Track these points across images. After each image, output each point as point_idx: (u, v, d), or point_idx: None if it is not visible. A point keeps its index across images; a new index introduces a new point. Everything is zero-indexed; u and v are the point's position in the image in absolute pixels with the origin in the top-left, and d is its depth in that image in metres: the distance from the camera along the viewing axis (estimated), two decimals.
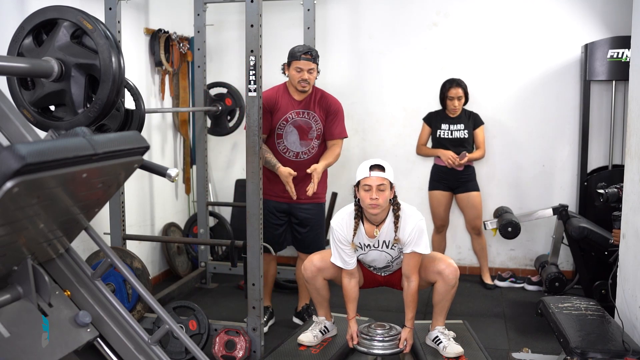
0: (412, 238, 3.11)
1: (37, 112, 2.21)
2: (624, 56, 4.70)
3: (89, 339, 1.91)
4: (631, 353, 2.67)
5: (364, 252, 3.23)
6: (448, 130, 4.92)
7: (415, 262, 3.17)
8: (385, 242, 3.18)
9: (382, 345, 3.16)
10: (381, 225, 3.16)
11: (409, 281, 3.19)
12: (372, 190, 3.02)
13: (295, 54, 3.77)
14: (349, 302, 3.27)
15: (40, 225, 1.65)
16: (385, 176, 3.04)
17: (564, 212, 4.48)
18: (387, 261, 3.27)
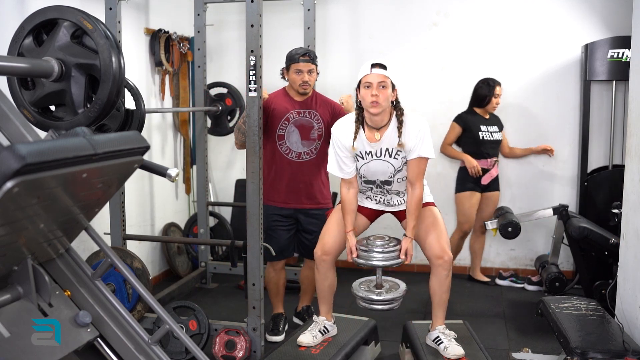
0: (416, 142, 3.06)
1: (37, 112, 2.20)
2: (624, 56, 4.70)
3: (89, 339, 1.91)
4: (631, 353, 2.67)
5: (365, 161, 3.15)
6: (487, 132, 4.86)
7: (420, 169, 3.12)
8: (387, 150, 3.11)
9: (382, 256, 3.08)
10: (383, 130, 3.08)
11: (413, 188, 3.14)
12: (372, 87, 2.97)
13: (294, 56, 3.75)
14: (347, 214, 3.21)
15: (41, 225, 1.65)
16: (386, 74, 2.98)
17: (564, 212, 4.48)
18: (389, 173, 3.17)
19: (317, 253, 3.32)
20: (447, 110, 5.30)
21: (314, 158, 3.84)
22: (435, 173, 5.35)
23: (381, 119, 3.06)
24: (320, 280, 3.38)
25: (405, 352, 3.45)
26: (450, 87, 5.30)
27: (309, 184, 3.86)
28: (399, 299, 3.15)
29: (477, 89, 4.87)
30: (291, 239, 3.94)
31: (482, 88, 4.84)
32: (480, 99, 4.85)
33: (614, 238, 4.03)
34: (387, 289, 3.14)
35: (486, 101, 4.83)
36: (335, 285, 3.42)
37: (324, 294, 3.42)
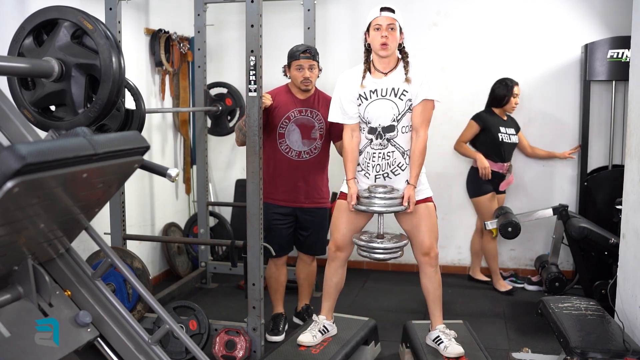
0: (422, 82, 3.12)
1: (37, 112, 2.21)
2: (624, 56, 4.70)
3: (89, 339, 1.91)
4: (631, 353, 2.67)
5: (369, 101, 3.17)
6: (506, 134, 4.79)
7: (425, 115, 3.16)
8: (394, 89, 3.15)
9: (384, 202, 3.07)
10: (390, 73, 3.17)
11: (417, 135, 3.16)
12: (382, 29, 3.07)
13: (294, 53, 3.77)
14: (349, 162, 3.24)
15: (41, 225, 1.65)
16: (394, 17, 3.09)
17: (564, 212, 4.48)
18: (392, 116, 3.16)
19: (331, 249, 3.36)
20: (447, 110, 5.30)
21: (314, 157, 3.84)
22: (434, 173, 5.35)
23: (389, 61, 3.15)
24: (329, 276, 3.40)
25: (405, 352, 3.45)
26: (451, 87, 5.30)
27: (308, 182, 3.86)
28: (399, 248, 3.13)
29: (495, 89, 4.81)
30: (290, 236, 3.96)
31: (500, 88, 4.78)
32: (499, 99, 4.78)
33: (614, 238, 4.03)
34: (389, 238, 3.14)
35: (505, 101, 4.76)
36: (342, 284, 3.44)
37: (330, 290, 3.43)
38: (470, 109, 5.23)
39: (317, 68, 3.82)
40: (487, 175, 4.77)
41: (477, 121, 4.83)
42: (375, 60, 3.18)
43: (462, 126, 5.31)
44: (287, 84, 3.90)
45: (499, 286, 4.95)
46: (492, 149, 4.78)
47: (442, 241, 5.32)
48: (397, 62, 3.19)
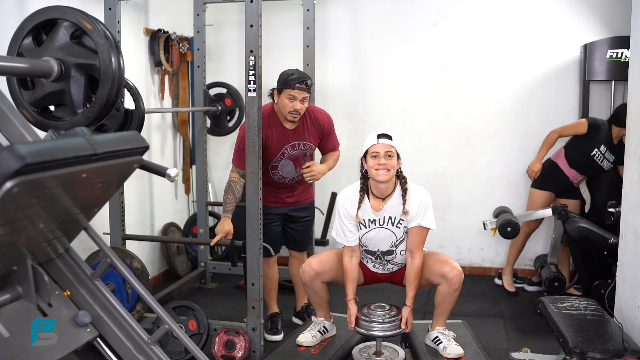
0: (419, 211, 3.13)
1: (36, 112, 2.21)
2: (623, 56, 4.70)
3: (88, 339, 1.91)
4: (630, 352, 2.67)
5: (368, 229, 3.21)
6: (602, 155, 4.50)
7: (421, 238, 3.17)
8: (391, 218, 3.17)
9: (383, 326, 3.11)
10: (387, 199, 3.16)
11: (412, 257, 3.18)
12: (379, 156, 3.07)
13: (289, 81, 3.56)
14: (348, 282, 3.24)
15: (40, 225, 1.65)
16: (392, 144, 3.09)
17: (563, 212, 4.48)
18: (391, 242, 3.22)
19: (307, 267, 3.31)
20: (448, 110, 5.31)
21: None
22: (434, 173, 5.36)
23: (386, 187, 3.14)
24: (311, 294, 3.42)
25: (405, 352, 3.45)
26: (451, 87, 5.30)
27: (296, 191, 3.93)
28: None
29: (622, 110, 4.15)
30: (281, 234, 4.00)
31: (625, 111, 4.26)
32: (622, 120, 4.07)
33: (613, 238, 4.03)
34: (387, 356, 3.20)
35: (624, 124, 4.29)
36: (327, 294, 3.43)
37: (317, 302, 3.44)
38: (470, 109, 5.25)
39: (307, 100, 3.66)
40: (531, 177, 4.74)
41: (588, 125, 4.52)
42: (373, 186, 3.18)
43: (462, 126, 5.34)
44: (272, 106, 3.71)
45: (507, 284, 4.96)
46: (580, 157, 4.61)
47: (442, 241, 5.35)
48: (394, 187, 3.18)
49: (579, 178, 4.70)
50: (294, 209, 3.94)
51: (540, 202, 4.78)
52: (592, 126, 4.53)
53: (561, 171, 4.69)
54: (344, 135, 5.03)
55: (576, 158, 4.63)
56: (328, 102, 5.31)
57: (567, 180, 4.70)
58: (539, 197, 4.79)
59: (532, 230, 4.88)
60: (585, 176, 4.71)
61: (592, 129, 4.53)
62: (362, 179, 3.22)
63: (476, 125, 5.31)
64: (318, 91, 4.80)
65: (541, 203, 4.77)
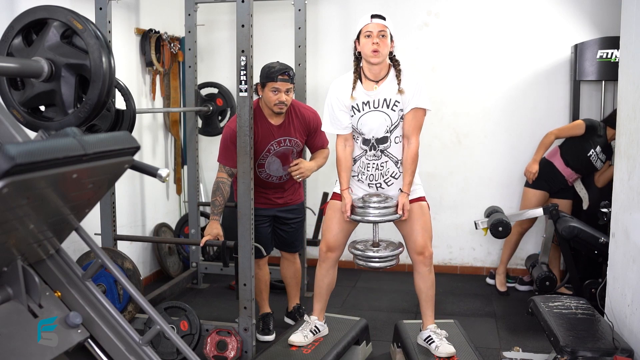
0: (414, 92, 3.11)
1: (27, 112, 2.19)
2: (613, 56, 4.73)
3: (79, 340, 1.90)
4: (620, 351, 2.69)
5: (362, 112, 3.16)
6: (597, 156, 4.55)
7: (417, 121, 3.16)
8: (385, 100, 3.14)
9: (379, 212, 3.08)
10: (381, 81, 3.14)
11: (409, 142, 3.17)
12: (373, 35, 3.04)
13: (271, 74, 3.55)
14: (342, 171, 3.23)
15: (30, 226, 1.64)
16: (385, 24, 3.07)
17: (554, 212, 4.50)
18: (385, 127, 3.17)
19: (322, 250, 3.36)
20: (438, 111, 5.31)
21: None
22: (425, 173, 5.36)
23: (380, 69, 3.12)
24: (320, 277, 3.40)
25: (397, 352, 3.46)
26: (441, 87, 5.31)
27: (286, 191, 3.92)
28: (395, 256, 3.15)
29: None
30: (271, 235, 3.98)
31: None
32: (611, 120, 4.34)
33: (604, 237, 4.05)
34: (384, 246, 3.16)
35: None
36: (333, 284, 3.44)
37: (321, 291, 3.43)
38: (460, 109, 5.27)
39: (292, 90, 3.67)
40: (529, 179, 4.74)
41: (586, 127, 4.54)
42: (366, 69, 3.15)
43: (453, 126, 5.35)
44: (259, 102, 3.70)
45: (499, 284, 4.97)
46: (576, 157, 4.63)
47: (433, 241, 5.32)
48: (388, 70, 3.17)
49: (574, 177, 4.72)
50: (283, 210, 3.93)
51: (534, 202, 4.79)
52: (590, 127, 4.56)
53: (557, 170, 4.71)
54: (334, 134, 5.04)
55: (572, 158, 4.65)
56: (320, 102, 5.28)
57: (562, 180, 4.72)
58: (533, 196, 4.81)
59: (525, 229, 4.90)
60: (581, 175, 4.74)
61: (590, 131, 4.55)
62: (355, 61, 3.19)
63: (467, 125, 5.33)
64: (310, 91, 4.80)
65: (535, 202, 4.78)
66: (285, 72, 3.57)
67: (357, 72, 3.17)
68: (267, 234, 3.92)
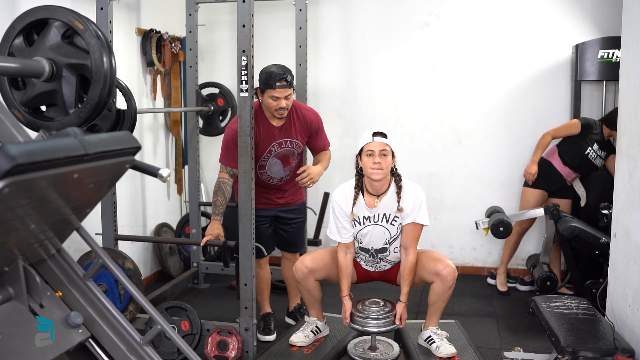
0: (413, 208, 3.14)
1: (28, 112, 2.20)
2: (614, 56, 4.72)
3: (80, 340, 1.91)
4: (621, 351, 2.69)
5: (362, 226, 3.22)
6: (596, 153, 4.56)
7: (415, 234, 3.19)
8: (385, 215, 3.18)
9: (377, 322, 3.13)
10: (382, 196, 3.18)
11: (407, 254, 3.19)
12: (374, 154, 3.08)
13: (269, 82, 3.50)
14: (342, 279, 3.25)
15: (31, 226, 1.64)
16: (387, 142, 3.10)
17: (555, 212, 4.50)
18: (385, 240, 3.24)
19: (300, 265, 3.31)
20: (438, 111, 5.32)
21: (293, 173, 3.86)
22: (426, 173, 5.37)
23: (381, 185, 3.16)
24: (304, 292, 3.42)
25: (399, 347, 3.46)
26: (441, 87, 5.31)
27: (287, 192, 3.91)
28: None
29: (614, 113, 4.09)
30: (272, 235, 3.98)
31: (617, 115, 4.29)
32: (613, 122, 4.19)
33: (605, 237, 4.05)
34: (382, 350, 3.22)
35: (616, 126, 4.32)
36: (320, 293, 3.43)
37: (310, 301, 3.45)
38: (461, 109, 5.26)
39: (292, 95, 3.61)
40: (528, 180, 4.75)
41: (582, 126, 4.57)
42: (367, 184, 3.19)
43: (453, 126, 5.35)
44: (259, 103, 3.66)
45: (499, 284, 4.97)
46: (574, 156, 4.63)
47: (434, 241, 5.36)
48: (389, 184, 3.20)
49: (573, 176, 4.72)
50: (284, 210, 3.92)
51: (533, 201, 4.79)
52: (585, 126, 4.57)
53: (555, 169, 4.70)
54: (335, 135, 5.04)
55: (570, 157, 4.65)
56: (320, 102, 5.32)
57: (560, 179, 4.71)
58: (531, 195, 4.80)
59: (525, 229, 4.90)
60: (579, 174, 4.73)
61: (585, 129, 4.56)
62: (357, 176, 3.23)
63: (468, 125, 5.33)
64: (310, 91, 4.80)
65: (534, 202, 4.78)
66: (283, 78, 3.51)
67: (358, 187, 3.22)
68: (268, 234, 3.92)
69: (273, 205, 3.87)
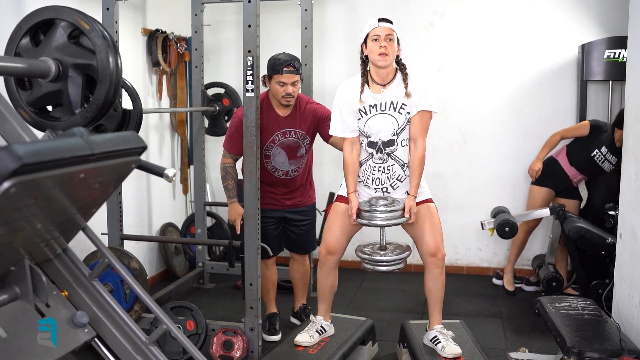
0: (421, 95, 3.11)
1: (34, 112, 2.20)
2: (620, 56, 4.71)
3: (86, 339, 1.91)
4: (627, 352, 2.68)
5: (369, 115, 3.16)
6: (603, 156, 4.50)
7: (424, 124, 3.16)
8: (392, 103, 3.14)
9: (385, 215, 3.06)
10: (388, 85, 3.15)
11: (416, 145, 3.16)
12: (380, 39, 3.07)
13: (277, 67, 3.56)
14: (349, 175, 3.22)
15: (38, 226, 1.65)
16: (392, 27, 3.09)
17: (561, 212, 4.49)
18: (392, 130, 3.16)
19: (322, 253, 3.35)
20: (443, 111, 5.28)
21: (301, 171, 3.86)
22: (431, 173, 5.35)
23: (387, 72, 3.12)
24: (322, 279, 3.40)
25: (403, 352, 3.46)
26: (446, 87, 5.30)
27: (296, 191, 3.91)
28: (403, 259, 3.13)
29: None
30: (280, 236, 3.97)
31: None
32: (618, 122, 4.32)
33: (611, 238, 4.04)
34: (392, 249, 3.14)
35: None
36: (336, 285, 3.44)
37: (324, 293, 3.43)
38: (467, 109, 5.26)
39: (300, 82, 3.66)
40: (532, 177, 4.76)
41: (591, 127, 4.53)
42: (373, 72, 3.16)
43: (458, 126, 5.34)
44: (267, 93, 3.71)
45: (507, 283, 4.96)
46: (580, 157, 4.61)
47: None
48: (395, 73, 3.17)
49: (579, 177, 4.70)
50: (292, 211, 3.91)
51: (540, 200, 4.77)
52: (595, 128, 4.54)
53: (561, 169, 4.69)
54: None
55: (577, 158, 4.63)
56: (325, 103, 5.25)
57: (566, 179, 4.70)
58: (538, 193, 4.79)
59: (532, 228, 4.88)
60: (585, 176, 4.72)
61: (594, 131, 4.53)
62: (362, 65, 3.21)
63: (473, 126, 5.32)
64: (315, 91, 4.79)
65: (541, 200, 4.77)
66: (291, 64, 3.57)
67: (364, 76, 3.18)
68: (274, 235, 3.91)
69: (280, 206, 3.86)
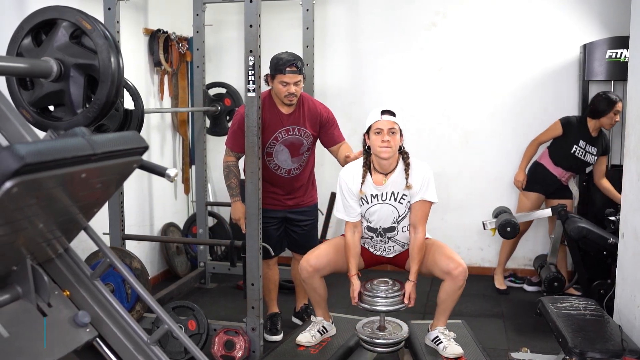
0: (422, 185, 3.14)
1: (36, 112, 2.20)
2: (622, 56, 4.70)
3: (88, 339, 1.91)
4: (629, 352, 2.67)
5: (370, 205, 3.19)
6: (583, 149, 4.57)
7: (424, 212, 3.18)
8: (393, 193, 3.17)
9: (386, 301, 3.10)
10: (390, 174, 3.17)
11: (416, 232, 3.18)
12: (383, 133, 3.07)
13: (279, 67, 3.56)
14: (350, 257, 3.23)
15: (39, 225, 1.65)
16: (396, 120, 3.09)
17: (562, 212, 4.48)
18: (393, 218, 3.21)
19: (305, 264, 3.29)
20: (444, 111, 5.31)
21: (303, 170, 3.86)
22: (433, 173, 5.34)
23: (389, 163, 3.14)
24: (310, 291, 3.40)
25: (404, 352, 3.45)
26: (448, 87, 5.30)
27: (298, 191, 3.90)
28: (401, 341, 3.17)
29: (595, 102, 4.51)
30: (281, 236, 3.97)
31: (601, 102, 4.46)
32: (596, 112, 4.50)
33: (613, 238, 4.03)
34: (390, 331, 3.19)
35: (602, 115, 4.46)
36: (325, 291, 3.41)
37: (316, 300, 3.43)
38: (469, 109, 5.25)
39: (302, 81, 3.66)
40: (517, 187, 4.82)
41: (562, 125, 4.63)
42: (375, 162, 3.18)
43: (460, 126, 5.34)
44: (270, 91, 3.72)
45: (498, 283, 4.97)
46: (562, 155, 4.65)
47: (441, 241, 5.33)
48: (396, 162, 3.19)
49: (567, 175, 4.73)
50: (294, 211, 3.91)
51: (529, 205, 4.81)
52: (566, 125, 4.62)
53: (547, 171, 4.72)
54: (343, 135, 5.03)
55: (559, 157, 4.68)
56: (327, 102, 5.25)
57: (555, 180, 4.72)
58: (526, 199, 4.83)
59: (523, 231, 4.90)
60: (574, 173, 4.74)
61: (567, 127, 4.61)
62: (364, 154, 3.22)
63: (475, 126, 5.32)
64: (317, 91, 4.80)
65: (530, 205, 4.80)
66: (293, 64, 3.57)
67: (366, 166, 3.20)
68: (276, 235, 3.91)
69: (282, 206, 3.86)
